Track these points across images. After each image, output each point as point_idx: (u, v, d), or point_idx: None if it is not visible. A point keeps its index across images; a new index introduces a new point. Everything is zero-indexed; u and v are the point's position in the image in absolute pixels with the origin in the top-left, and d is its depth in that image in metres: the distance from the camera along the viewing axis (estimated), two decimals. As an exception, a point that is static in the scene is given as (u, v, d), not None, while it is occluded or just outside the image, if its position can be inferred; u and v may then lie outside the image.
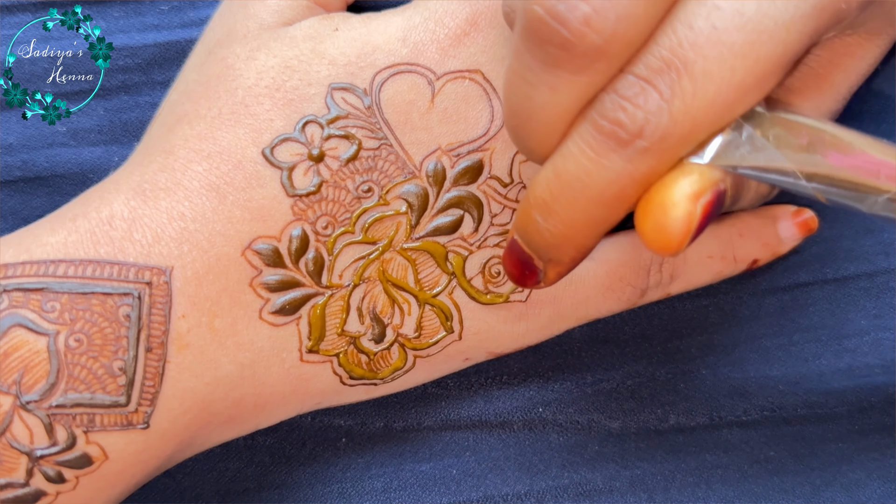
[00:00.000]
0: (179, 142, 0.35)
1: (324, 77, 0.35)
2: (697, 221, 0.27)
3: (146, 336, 0.33)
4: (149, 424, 0.33)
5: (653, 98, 0.26)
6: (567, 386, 0.42)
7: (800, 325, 0.43)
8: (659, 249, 0.27)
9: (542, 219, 0.29)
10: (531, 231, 0.30)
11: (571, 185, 0.28)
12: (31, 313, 0.32)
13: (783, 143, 0.27)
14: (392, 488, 0.42)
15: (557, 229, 0.29)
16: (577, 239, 0.29)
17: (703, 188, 0.27)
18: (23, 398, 0.32)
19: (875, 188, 0.26)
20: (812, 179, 0.27)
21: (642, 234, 0.28)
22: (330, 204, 0.35)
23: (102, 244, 0.33)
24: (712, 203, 0.27)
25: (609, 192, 0.27)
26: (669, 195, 0.27)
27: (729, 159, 0.27)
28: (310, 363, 0.36)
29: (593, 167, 0.27)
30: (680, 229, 0.27)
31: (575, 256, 0.30)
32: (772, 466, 0.43)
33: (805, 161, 0.27)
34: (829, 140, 0.27)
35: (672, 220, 0.27)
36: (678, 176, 0.27)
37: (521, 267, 0.32)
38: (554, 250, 0.30)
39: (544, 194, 0.29)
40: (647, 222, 0.27)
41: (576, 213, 0.28)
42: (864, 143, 0.27)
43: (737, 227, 0.41)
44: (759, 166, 0.27)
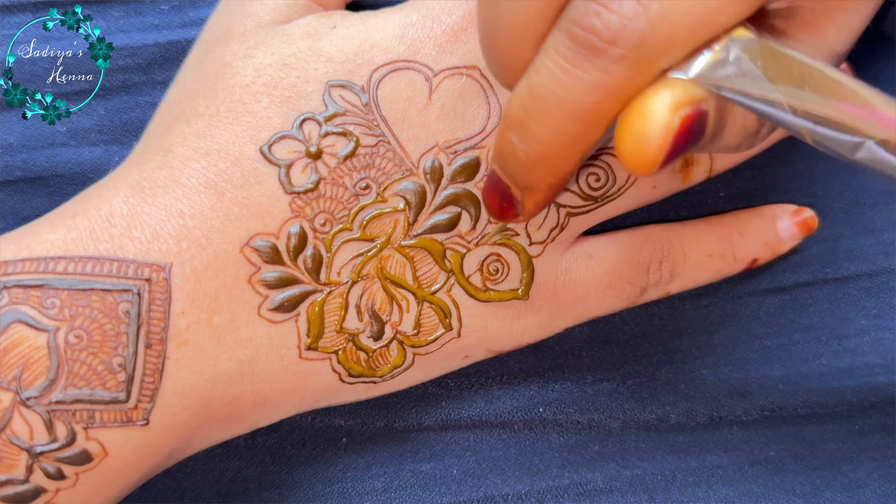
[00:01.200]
0: (178, 140, 0.35)
1: (321, 74, 0.35)
2: (675, 133, 0.26)
3: (146, 332, 0.33)
4: (148, 421, 0.33)
5: (628, 2, 0.24)
6: (567, 386, 0.42)
7: (800, 324, 0.43)
8: (633, 164, 0.26)
9: (516, 138, 0.28)
10: (507, 154, 0.29)
11: (545, 100, 0.26)
12: (30, 309, 0.32)
13: (772, 73, 0.26)
14: (392, 488, 0.42)
15: (532, 149, 0.28)
16: (553, 161, 0.28)
17: (682, 100, 0.26)
18: (23, 394, 0.32)
19: (863, 132, 0.25)
20: (800, 115, 0.26)
21: (619, 149, 0.26)
22: (328, 201, 0.35)
23: (102, 241, 0.33)
24: (692, 118, 0.26)
25: (584, 104, 0.26)
26: (648, 105, 0.25)
27: (714, 79, 0.26)
28: (309, 360, 0.36)
29: (567, 78, 0.26)
30: (657, 142, 0.25)
31: (552, 182, 0.29)
32: (772, 466, 0.43)
33: (793, 94, 0.26)
34: (819, 77, 0.26)
35: (649, 130, 0.25)
36: (659, 87, 0.26)
37: (499, 198, 0.31)
38: (530, 174, 0.29)
39: (518, 112, 0.27)
40: (625, 136, 0.26)
41: (550, 129, 0.27)
42: (854, 86, 0.26)
43: (737, 225, 0.41)
44: (745, 91, 0.26)
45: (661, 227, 0.40)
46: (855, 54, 0.37)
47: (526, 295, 0.37)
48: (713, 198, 0.42)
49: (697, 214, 0.42)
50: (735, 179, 0.42)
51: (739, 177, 0.42)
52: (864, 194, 0.43)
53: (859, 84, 0.26)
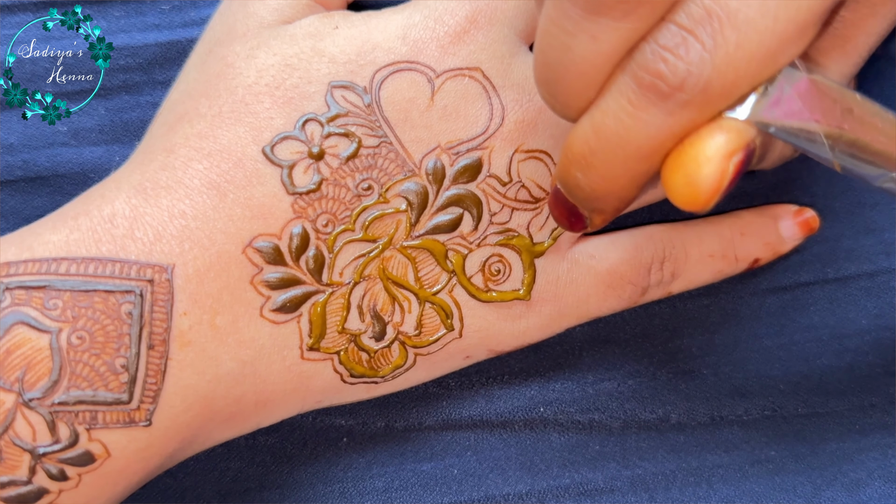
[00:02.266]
0: (180, 140, 0.35)
1: (324, 75, 0.35)
2: (729, 179, 0.26)
3: (148, 333, 0.33)
4: (151, 422, 0.33)
5: (695, 49, 0.25)
6: (568, 386, 0.42)
7: (801, 324, 0.43)
8: (686, 204, 0.27)
9: (581, 174, 0.29)
10: (572, 185, 0.30)
11: (610, 141, 0.27)
12: (33, 311, 0.32)
13: (815, 107, 0.27)
14: (393, 488, 0.42)
15: (598, 184, 0.29)
16: (618, 192, 0.29)
17: (737, 146, 0.26)
18: (25, 395, 0.32)
19: (892, 161, 0.26)
20: (836, 147, 0.26)
21: (670, 187, 0.27)
22: (330, 202, 0.35)
23: (104, 242, 0.33)
24: (743, 162, 0.27)
25: (648, 146, 0.27)
26: (703, 150, 0.26)
27: (763, 116, 0.26)
28: (310, 361, 0.36)
29: (632, 122, 0.26)
30: (711, 186, 0.26)
31: (618, 206, 0.30)
32: (773, 466, 0.43)
33: (832, 128, 0.26)
34: (856, 107, 0.26)
35: (704, 176, 0.26)
36: (714, 130, 0.26)
37: (567, 214, 0.32)
38: (596, 202, 0.30)
39: (583, 150, 0.28)
40: (677, 175, 0.27)
41: (615, 168, 0.28)
42: (887, 118, 0.26)
43: (738, 225, 0.41)
44: (791, 127, 0.27)
45: (663, 227, 0.40)
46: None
47: (527, 295, 0.37)
48: (714, 198, 0.42)
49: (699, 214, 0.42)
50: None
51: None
52: (864, 194, 0.43)
53: (888, 114, 0.26)
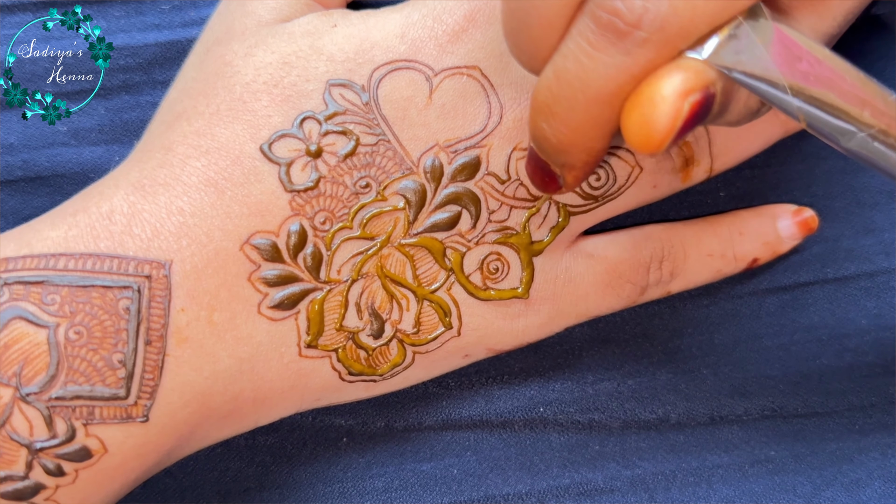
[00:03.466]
0: (178, 138, 0.35)
1: (322, 73, 0.35)
2: (683, 119, 0.26)
3: (145, 329, 0.33)
4: (148, 417, 0.33)
5: None
6: (568, 386, 0.42)
7: (800, 324, 0.43)
8: (640, 145, 0.26)
9: (546, 124, 0.28)
10: (539, 138, 0.29)
11: (571, 85, 0.27)
12: (31, 306, 0.32)
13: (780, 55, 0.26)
14: (393, 488, 0.42)
15: (562, 133, 0.28)
16: (583, 142, 0.28)
17: (694, 86, 0.26)
18: (23, 390, 0.32)
19: (858, 121, 0.26)
20: (799, 96, 0.26)
21: (625, 128, 0.27)
22: (328, 199, 0.35)
23: (102, 238, 0.34)
24: (700, 104, 0.26)
25: (608, 88, 0.26)
26: (659, 88, 0.26)
27: (725, 60, 0.26)
28: (308, 358, 0.36)
29: (591, 63, 0.26)
30: (665, 126, 0.26)
31: (587, 160, 0.30)
32: (772, 466, 0.43)
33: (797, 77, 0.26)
34: (824, 63, 0.26)
35: (658, 115, 0.26)
36: (671, 69, 0.26)
37: (540, 174, 0.32)
38: (564, 155, 0.29)
39: (546, 97, 0.28)
40: (632, 115, 0.26)
41: (577, 114, 0.27)
42: (855, 76, 0.26)
43: (737, 225, 0.41)
44: (753, 73, 0.26)
45: (662, 227, 0.40)
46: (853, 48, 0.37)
47: (526, 294, 0.37)
48: (713, 198, 0.42)
49: (698, 214, 0.42)
50: (735, 179, 0.42)
51: (739, 177, 0.42)
52: (864, 194, 0.43)
53: (858, 73, 0.26)
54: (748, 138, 0.40)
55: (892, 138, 0.26)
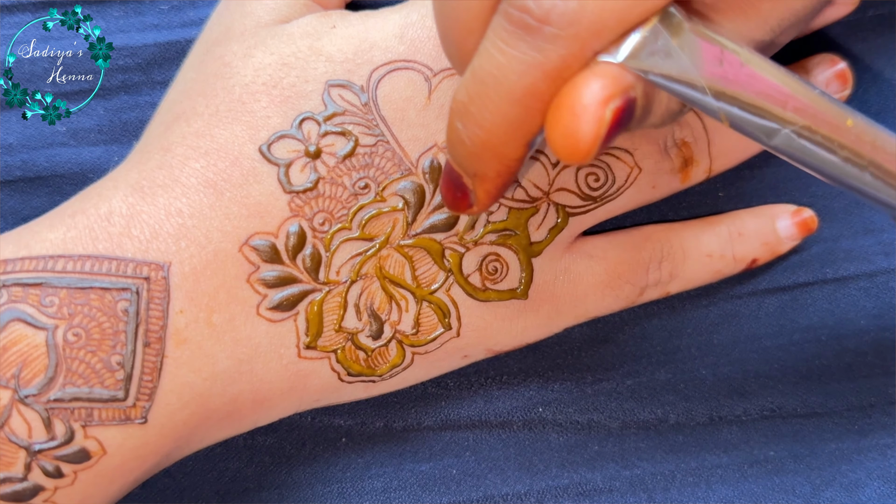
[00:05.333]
0: (177, 139, 0.35)
1: (321, 74, 0.35)
2: (607, 127, 0.25)
3: (144, 331, 0.33)
4: (147, 419, 0.33)
5: None
6: (567, 386, 0.42)
7: (800, 324, 0.43)
8: (567, 156, 0.26)
9: (461, 124, 0.28)
10: (454, 141, 0.28)
11: (485, 83, 0.26)
12: (29, 308, 0.32)
13: (697, 57, 0.26)
14: (392, 488, 0.42)
15: (476, 134, 0.27)
16: (496, 146, 0.28)
17: (613, 92, 0.25)
18: (21, 392, 0.32)
19: (780, 118, 0.26)
20: (720, 98, 0.26)
21: (551, 140, 0.26)
22: (327, 200, 0.35)
23: (101, 240, 0.34)
24: (622, 109, 0.26)
25: (520, 86, 0.26)
26: (579, 97, 0.25)
27: (641, 63, 0.26)
28: (308, 359, 0.36)
29: (504, 60, 0.26)
30: (589, 135, 0.25)
31: (499, 170, 0.29)
32: (772, 466, 0.43)
33: (715, 78, 0.26)
34: (743, 63, 0.26)
35: (581, 124, 0.25)
36: (588, 77, 0.25)
37: (452, 188, 0.31)
38: (476, 161, 0.29)
39: (463, 97, 0.27)
40: (556, 128, 0.26)
41: (491, 113, 0.27)
42: (776, 73, 0.26)
43: (736, 225, 0.41)
44: (671, 75, 0.26)
45: (661, 227, 0.40)
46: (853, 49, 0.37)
47: (525, 295, 0.37)
48: (713, 198, 0.42)
49: (697, 214, 0.42)
50: (735, 179, 0.42)
51: (739, 177, 0.42)
52: (863, 194, 0.43)
53: (780, 70, 0.26)
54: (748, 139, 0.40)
55: (817, 134, 0.26)
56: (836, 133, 0.26)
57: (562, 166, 0.37)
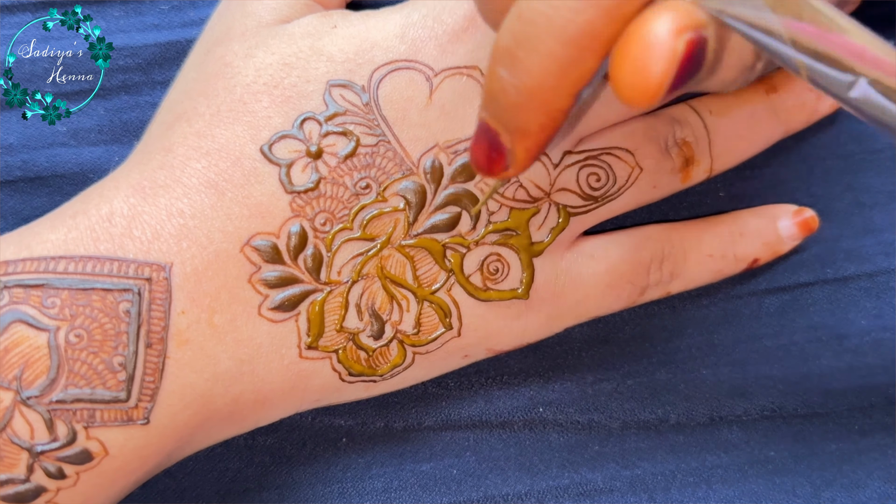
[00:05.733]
0: (178, 139, 0.35)
1: (322, 74, 0.35)
2: (678, 63, 0.24)
3: (146, 332, 0.33)
4: (149, 420, 0.33)
5: None
6: (567, 386, 0.42)
7: (800, 324, 0.43)
8: (633, 96, 0.24)
9: (506, 72, 0.25)
10: (496, 92, 0.26)
11: (535, 23, 0.24)
12: (31, 309, 0.32)
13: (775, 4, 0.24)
14: (392, 488, 0.42)
15: (523, 81, 0.25)
16: (545, 94, 0.25)
17: (686, 24, 0.24)
18: (23, 393, 0.32)
19: (856, 70, 0.24)
20: (797, 48, 0.24)
21: (616, 79, 0.24)
22: (328, 200, 0.35)
23: (102, 241, 0.33)
24: (695, 44, 0.24)
25: (576, 24, 0.24)
26: (650, 29, 0.23)
27: (716, 1, 0.24)
28: (309, 359, 0.36)
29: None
30: (660, 69, 0.23)
31: (544, 122, 0.26)
32: (772, 466, 0.43)
33: (794, 27, 0.24)
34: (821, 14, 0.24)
35: (652, 57, 0.23)
36: (661, 9, 0.23)
37: (486, 148, 0.28)
38: (521, 112, 0.26)
39: (508, 42, 0.25)
40: (623, 63, 0.24)
41: (542, 56, 0.24)
42: (850, 24, 0.25)
43: (737, 225, 0.41)
44: (746, 18, 0.24)
45: (662, 227, 0.40)
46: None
47: (526, 295, 0.37)
48: (713, 198, 0.42)
49: (697, 214, 0.42)
50: (735, 179, 0.42)
51: (739, 177, 0.42)
52: (864, 194, 0.43)
53: (854, 24, 0.25)
54: (748, 138, 0.40)
55: (890, 88, 0.25)
56: None
57: (563, 166, 0.37)
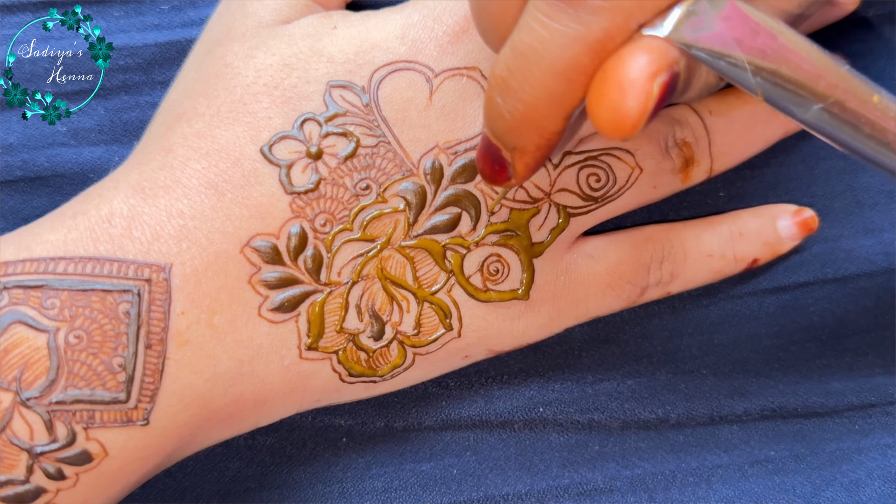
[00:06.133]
0: (178, 140, 0.35)
1: (322, 75, 0.35)
2: (654, 102, 0.25)
3: (146, 333, 0.33)
4: (148, 421, 0.33)
5: None
6: (568, 386, 0.42)
7: (800, 324, 0.43)
8: (612, 131, 0.26)
9: (500, 98, 0.28)
10: (493, 116, 0.28)
11: (526, 57, 0.26)
12: (31, 310, 0.32)
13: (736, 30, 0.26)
14: (392, 488, 0.42)
15: (516, 108, 0.27)
16: (537, 120, 0.28)
17: (660, 66, 0.25)
18: (23, 395, 0.32)
19: (814, 93, 0.26)
20: (758, 73, 0.26)
21: (595, 115, 0.26)
22: (328, 201, 0.35)
23: (102, 242, 0.33)
24: (668, 84, 0.25)
25: (564, 59, 0.26)
26: (626, 72, 0.25)
27: (685, 36, 0.26)
28: (309, 360, 0.36)
29: (546, 33, 0.26)
30: (636, 110, 0.25)
31: (539, 143, 0.29)
32: (772, 466, 0.43)
33: (754, 52, 0.26)
34: (779, 37, 0.26)
35: (628, 99, 0.25)
36: (635, 51, 0.25)
37: (490, 162, 0.31)
38: (516, 135, 0.29)
39: (502, 71, 0.27)
40: (601, 102, 0.25)
41: (532, 87, 0.27)
42: (809, 49, 0.26)
43: (737, 225, 0.41)
44: (713, 50, 0.26)
45: (662, 227, 0.40)
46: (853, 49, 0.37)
47: (526, 295, 0.37)
48: (713, 198, 0.42)
49: (697, 214, 0.42)
50: (735, 179, 0.42)
51: (739, 177, 0.42)
52: (864, 194, 0.43)
53: (812, 46, 0.26)
54: (748, 139, 0.40)
55: (846, 111, 0.26)
56: (862, 108, 0.26)
57: (563, 167, 0.37)
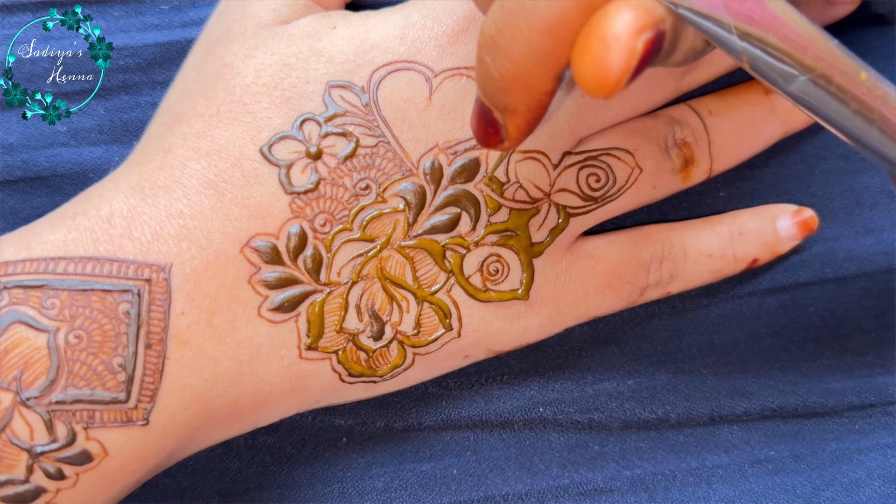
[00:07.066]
0: (178, 140, 0.35)
1: (322, 75, 0.35)
2: (637, 59, 0.25)
3: (145, 332, 0.33)
4: (148, 421, 0.33)
5: None
6: (568, 386, 0.42)
7: (800, 324, 0.43)
8: (594, 88, 0.25)
9: (489, 57, 0.27)
10: (483, 76, 0.28)
11: (514, 13, 0.26)
12: (31, 310, 0.32)
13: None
14: (393, 488, 0.42)
15: (505, 67, 0.27)
16: (526, 78, 0.27)
17: (645, 23, 0.25)
18: (23, 394, 0.32)
19: (800, 64, 0.26)
20: (744, 38, 0.25)
21: (577, 71, 0.25)
22: (328, 201, 0.35)
23: (102, 242, 0.33)
24: (653, 41, 0.25)
25: (550, 15, 0.25)
26: (610, 27, 0.24)
27: None
28: (309, 360, 0.36)
29: None
30: (619, 66, 0.24)
31: (528, 102, 0.28)
32: (772, 466, 0.43)
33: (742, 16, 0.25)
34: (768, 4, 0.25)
35: (611, 55, 0.24)
36: (620, 5, 0.24)
37: (483, 123, 0.30)
38: (506, 94, 0.28)
39: (491, 30, 0.27)
40: (584, 58, 0.25)
41: (520, 44, 0.26)
42: (797, 19, 0.26)
43: (737, 225, 0.41)
44: (700, 10, 0.25)
45: (662, 227, 0.40)
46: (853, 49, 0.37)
47: (526, 295, 0.37)
48: (713, 198, 0.42)
49: (697, 214, 0.42)
50: (735, 179, 0.42)
51: (739, 177, 0.42)
52: (864, 194, 0.43)
53: (801, 17, 0.26)
54: (748, 139, 0.40)
55: (832, 85, 0.26)
56: (849, 84, 0.26)
57: (563, 167, 0.37)
